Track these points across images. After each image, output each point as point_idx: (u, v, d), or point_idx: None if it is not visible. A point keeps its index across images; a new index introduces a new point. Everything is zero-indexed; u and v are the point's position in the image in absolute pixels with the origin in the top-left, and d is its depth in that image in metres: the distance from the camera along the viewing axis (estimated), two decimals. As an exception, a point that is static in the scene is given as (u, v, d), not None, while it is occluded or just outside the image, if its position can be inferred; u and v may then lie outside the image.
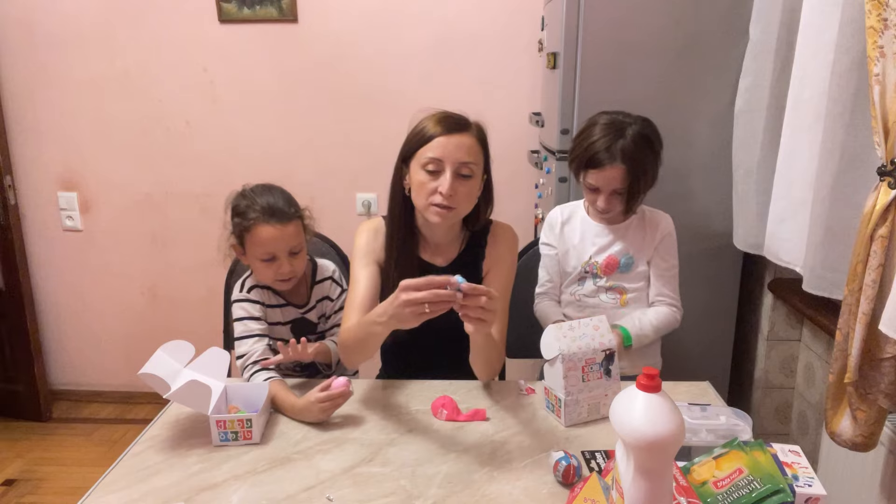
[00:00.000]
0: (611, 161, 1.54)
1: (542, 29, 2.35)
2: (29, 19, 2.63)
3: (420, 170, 1.38)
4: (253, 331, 1.49)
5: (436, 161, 1.36)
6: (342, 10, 2.55)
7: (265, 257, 1.47)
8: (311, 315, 1.61)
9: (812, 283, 1.53)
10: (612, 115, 1.62)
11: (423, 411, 1.37)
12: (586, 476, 1.04)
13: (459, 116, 1.41)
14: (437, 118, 1.39)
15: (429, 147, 1.36)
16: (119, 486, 1.13)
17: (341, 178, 2.62)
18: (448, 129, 1.37)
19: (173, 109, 2.69)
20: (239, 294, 1.54)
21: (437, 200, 1.36)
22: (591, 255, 1.70)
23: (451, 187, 1.35)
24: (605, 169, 1.56)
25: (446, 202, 1.36)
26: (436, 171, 1.36)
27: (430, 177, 1.37)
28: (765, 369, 2.09)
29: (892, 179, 1.19)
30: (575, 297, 1.72)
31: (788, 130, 1.66)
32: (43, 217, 2.84)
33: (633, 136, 1.56)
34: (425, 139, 1.37)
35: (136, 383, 1.57)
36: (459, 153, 1.36)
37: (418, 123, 1.41)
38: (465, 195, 1.39)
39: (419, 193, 1.39)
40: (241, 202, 1.50)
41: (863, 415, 1.30)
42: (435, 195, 1.37)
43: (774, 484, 0.94)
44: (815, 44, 1.53)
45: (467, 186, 1.39)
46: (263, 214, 1.45)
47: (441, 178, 1.36)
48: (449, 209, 1.38)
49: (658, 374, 0.83)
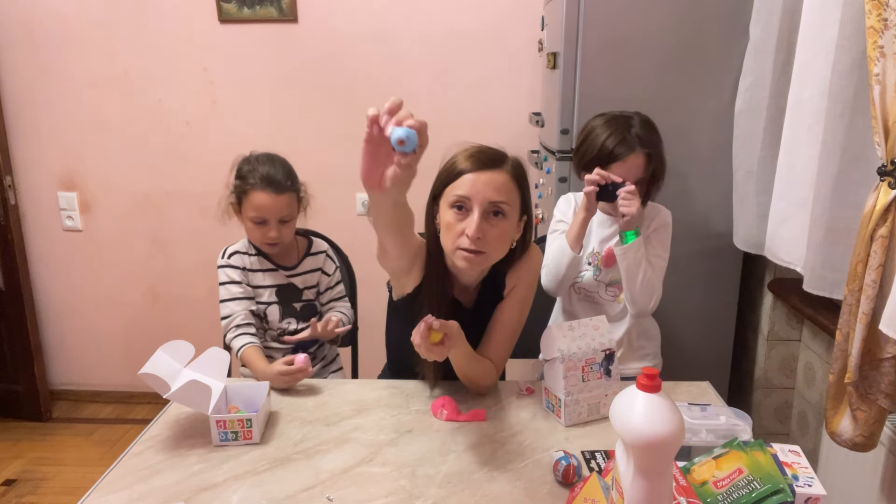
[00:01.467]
0: (630, 150, 1.54)
1: (542, 29, 2.35)
2: (29, 19, 2.63)
3: (448, 209, 1.27)
4: (234, 294, 1.64)
5: (463, 199, 1.24)
6: (342, 10, 2.56)
7: (257, 220, 1.61)
8: (297, 280, 1.72)
9: (812, 283, 1.53)
10: (608, 113, 1.62)
11: (423, 411, 1.37)
12: (586, 476, 1.04)
13: (495, 151, 1.30)
14: (469, 153, 1.28)
15: (457, 184, 1.25)
16: (119, 486, 1.13)
17: (341, 178, 2.62)
18: (478, 164, 1.25)
19: (173, 109, 2.69)
20: (221, 260, 1.68)
21: (465, 244, 1.24)
22: (593, 246, 1.69)
23: (479, 229, 1.23)
24: (627, 160, 1.55)
25: (474, 245, 1.24)
26: (464, 211, 1.26)
27: (457, 216, 1.26)
28: (765, 369, 2.09)
29: (892, 179, 1.19)
30: (575, 288, 1.72)
31: (789, 130, 1.66)
32: (43, 217, 2.84)
33: (640, 123, 1.58)
34: (453, 175, 1.26)
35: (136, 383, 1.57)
36: (489, 191, 1.23)
37: (450, 158, 1.30)
38: (495, 238, 1.27)
39: (446, 235, 1.28)
40: (245, 167, 1.64)
41: (863, 415, 1.30)
42: (462, 238, 1.25)
43: (774, 484, 0.94)
44: (816, 44, 1.53)
45: (498, 228, 1.26)
46: (261, 182, 1.60)
47: (468, 217, 1.24)
48: (477, 253, 1.25)
49: (658, 374, 0.83)
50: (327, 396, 1.44)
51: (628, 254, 1.57)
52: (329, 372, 1.83)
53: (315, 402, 1.41)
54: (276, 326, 1.70)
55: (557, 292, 1.71)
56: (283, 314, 1.70)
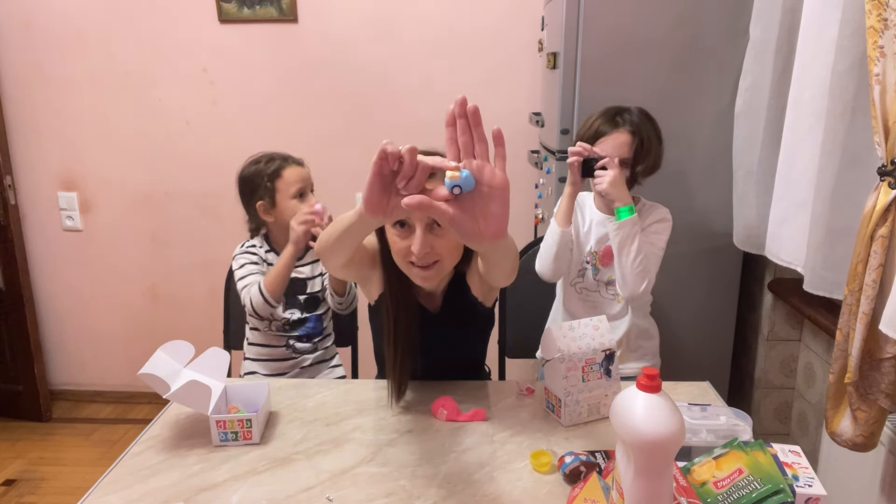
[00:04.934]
0: (614, 127, 1.57)
1: (542, 29, 2.35)
2: (28, 19, 2.63)
3: (390, 227, 1.19)
4: (252, 271, 1.71)
5: (403, 217, 1.15)
6: (342, 10, 2.56)
7: (296, 194, 1.71)
8: (305, 270, 1.79)
9: (813, 283, 1.53)
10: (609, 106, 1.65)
11: (423, 411, 1.37)
12: (586, 476, 1.04)
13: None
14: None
15: None
16: (119, 486, 1.13)
17: (341, 178, 2.62)
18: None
19: (173, 109, 2.69)
20: (238, 250, 1.76)
21: (413, 259, 1.18)
22: (591, 245, 1.70)
23: (424, 245, 1.15)
24: (611, 135, 1.57)
25: (423, 262, 1.17)
26: (406, 227, 1.18)
27: (400, 234, 1.18)
28: (765, 369, 2.09)
29: (892, 179, 1.19)
30: (576, 288, 1.72)
31: (789, 131, 1.66)
32: (43, 217, 2.84)
33: (636, 110, 1.61)
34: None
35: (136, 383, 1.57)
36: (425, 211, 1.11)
37: None
38: (444, 247, 1.19)
39: (395, 253, 1.22)
40: (259, 164, 1.72)
41: (863, 415, 1.30)
42: (410, 254, 1.17)
43: (774, 484, 0.94)
44: (816, 44, 1.53)
45: (444, 238, 1.18)
46: (285, 160, 1.72)
47: (413, 235, 1.16)
48: (429, 267, 1.19)
49: (658, 374, 0.83)
50: (327, 396, 1.44)
51: (620, 230, 1.57)
52: (326, 371, 1.83)
53: (315, 402, 1.41)
54: (279, 317, 1.74)
55: (553, 276, 1.70)
56: (287, 304, 1.75)
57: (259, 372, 1.77)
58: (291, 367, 1.77)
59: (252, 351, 1.79)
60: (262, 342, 1.77)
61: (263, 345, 1.77)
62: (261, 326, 1.75)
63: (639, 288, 1.59)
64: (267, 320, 1.74)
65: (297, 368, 1.78)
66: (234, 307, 1.90)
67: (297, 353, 1.77)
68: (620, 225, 1.56)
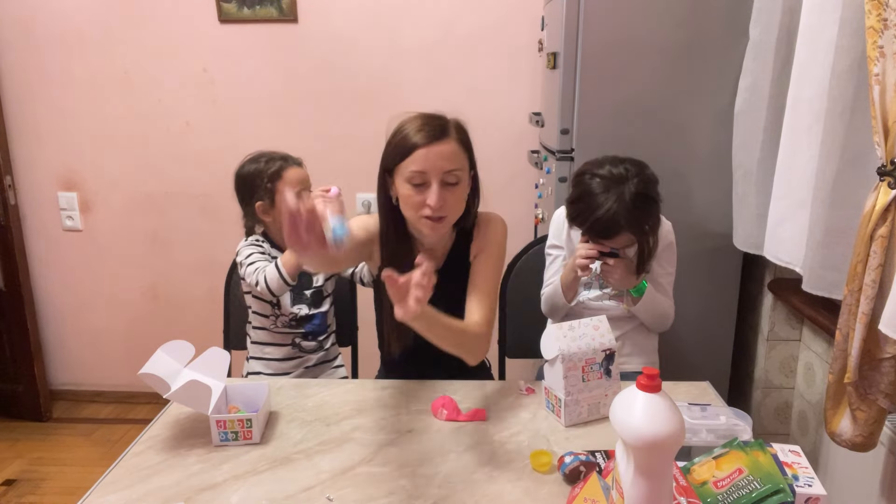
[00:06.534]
0: (618, 231, 1.52)
1: (542, 29, 2.35)
2: (29, 19, 2.63)
3: (405, 183, 1.33)
4: (261, 258, 1.69)
5: (420, 174, 1.30)
6: (342, 10, 2.56)
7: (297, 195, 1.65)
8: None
9: (812, 283, 1.53)
10: (606, 169, 1.53)
11: (423, 411, 1.37)
12: (586, 476, 1.05)
13: (438, 120, 1.34)
14: (416, 126, 1.32)
15: (411, 160, 1.30)
16: (119, 486, 1.13)
17: (341, 178, 2.61)
18: (429, 137, 1.30)
19: (173, 109, 2.69)
20: (242, 244, 1.75)
21: (427, 213, 1.32)
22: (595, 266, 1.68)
23: (440, 199, 1.31)
24: (615, 239, 1.54)
25: (436, 214, 1.32)
26: (421, 184, 1.32)
27: (416, 190, 1.32)
28: (765, 369, 2.09)
29: (891, 179, 1.19)
30: (581, 302, 1.71)
31: (788, 130, 1.66)
32: (43, 217, 2.84)
33: (632, 198, 1.49)
34: (406, 151, 1.31)
35: (136, 383, 1.57)
36: (442, 162, 1.30)
37: (397, 131, 1.35)
38: (454, 203, 1.36)
39: (407, 206, 1.36)
40: (259, 163, 1.71)
41: (863, 415, 1.30)
42: (424, 208, 1.32)
43: (774, 484, 0.94)
44: (815, 44, 1.53)
45: (456, 194, 1.35)
46: (286, 161, 1.71)
47: (428, 190, 1.31)
48: (440, 219, 1.34)
49: (658, 374, 0.83)
50: (327, 396, 1.44)
51: (640, 308, 1.63)
52: (329, 371, 1.83)
53: (315, 402, 1.42)
54: (287, 312, 1.75)
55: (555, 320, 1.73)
56: (294, 300, 1.76)
57: (263, 372, 1.76)
58: (296, 366, 1.77)
59: (257, 350, 1.78)
60: (267, 341, 1.76)
61: (269, 344, 1.76)
62: (267, 324, 1.75)
63: (666, 327, 1.70)
64: (273, 316, 1.74)
65: (301, 368, 1.78)
66: (234, 307, 1.90)
67: (302, 352, 1.77)
68: (638, 305, 1.62)
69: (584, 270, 1.56)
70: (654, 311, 1.65)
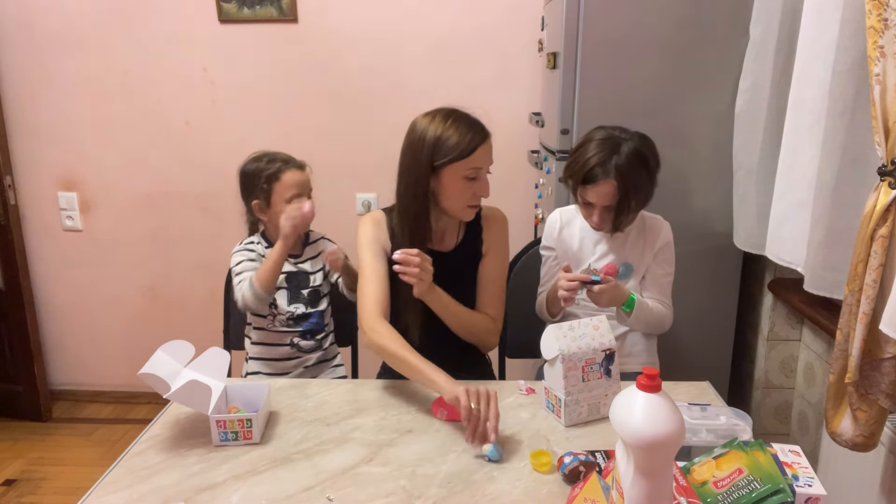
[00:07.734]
0: (604, 177, 1.53)
1: (542, 29, 2.35)
2: (29, 19, 2.62)
3: (459, 178, 1.46)
4: (248, 268, 1.71)
5: (477, 170, 1.46)
6: (342, 10, 2.55)
7: (292, 199, 1.70)
8: (306, 266, 1.80)
9: (813, 283, 1.53)
10: (609, 130, 1.59)
11: (423, 411, 1.37)
12: (586, 475, 1.04)
13: (476, 119, 1.50)
14: (468, 125, 1.46)
15: (473, 159, 1.44)
16: (119, 486, 1.13)
17: (341, 178, 2.62)
18: (482, 137, 1.47)
19: (173, 109, 2.69)
20: (236, 248, 1.77)
21: (475, 202, 1.50)
22: (589, 262, 1.69)
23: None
24: (597, 185, 1.54)
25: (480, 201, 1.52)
26: (474, 178, 1.47)
27: (468, 183, 1.47)
28: (765, 369, 2.08)
29: (892, 179, 1.19)
30: (578, 304, 1.71)
31: (789, 131, 1.66)
32: (43, 217, 2.84)
33: (627, 153, 1.53)
34: (468, 151, 1.43)
35: (136, 383, 1.57)
36: (490, 157, 1.50)
37: (445, 132, 1.45)
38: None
39: (456, 198, 1.49)
40: (260, 162, 1.73)
41: (863, 415, 1.30)
42: (474, 198, 1.49)
43: (774, 484, 0.94)
44: (816, 44, 1.52)
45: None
46: (286, 163, 1.73)
47: (478, 182, 1.48)
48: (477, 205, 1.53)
49: (658, 374, 0.83)
50: (327, 396, 1.44)
51: (633, 322, 1.64)
52: (328, 370, 1.84)
53: (315, 402, 1.42)
54: (284, 311, 1.75)
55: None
56: (290, 299, 1.75)
57: (262, 372, 1.77)
58: (295, 366, 1.77)
59: (256, 351, 1.79)
60: (266, 341, 1.77)
61: (267, 344, 1.77)
62: (265, 324, 1.75)
63: (665, 330, 1.71)
64: (271, 316, 1.74)
65: (300, 368, 1.78)
66: (234, 307, 1.89)
67: (301, 351, 1.77)
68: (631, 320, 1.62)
69: (567, 302, 1.56)
70: (648, 321, 1.65)
